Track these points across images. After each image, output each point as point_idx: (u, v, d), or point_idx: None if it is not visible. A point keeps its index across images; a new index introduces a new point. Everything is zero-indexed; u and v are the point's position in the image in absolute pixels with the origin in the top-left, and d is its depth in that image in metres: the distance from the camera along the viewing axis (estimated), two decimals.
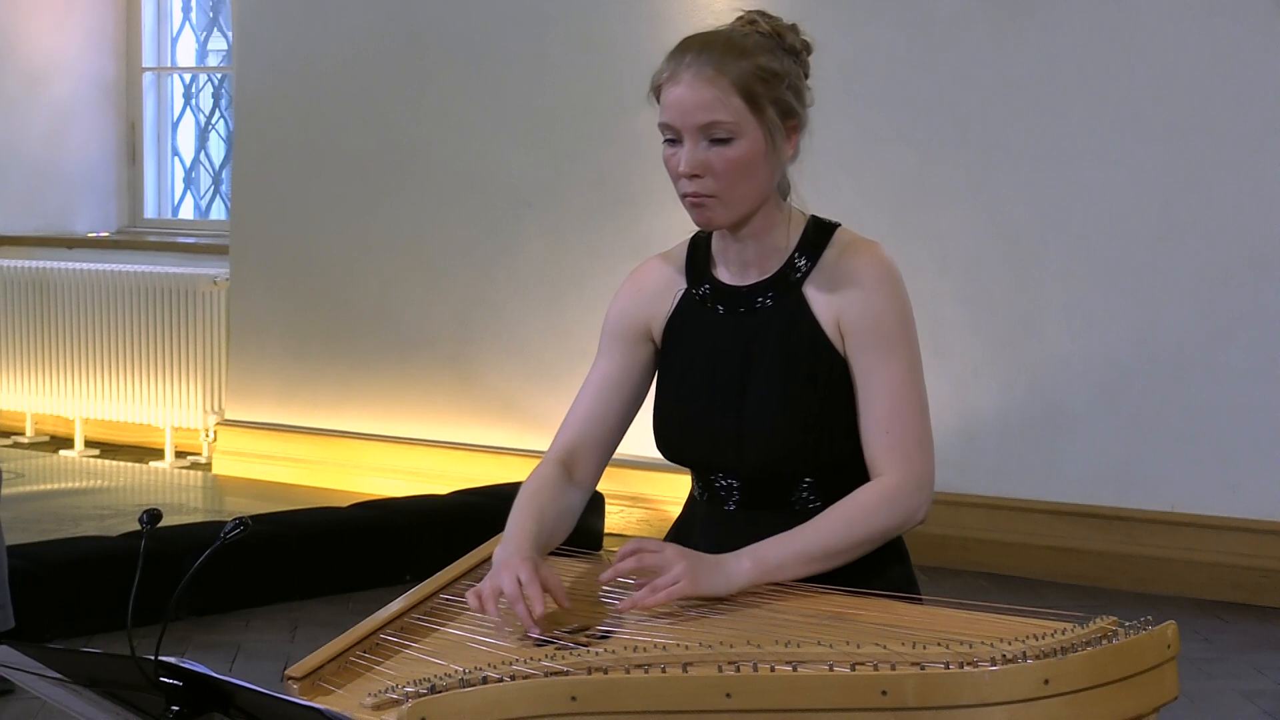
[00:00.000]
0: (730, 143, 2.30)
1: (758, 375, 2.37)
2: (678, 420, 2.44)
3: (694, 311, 2.44)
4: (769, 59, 2.32)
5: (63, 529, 5.91)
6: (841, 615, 2.11)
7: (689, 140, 2.31)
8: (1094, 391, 5.87)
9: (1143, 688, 1.86)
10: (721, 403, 2.39)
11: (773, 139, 2.32)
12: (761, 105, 2.30)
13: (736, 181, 2.31)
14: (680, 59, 2.32)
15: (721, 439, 2.39)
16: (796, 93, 2.35)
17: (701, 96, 2.29)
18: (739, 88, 2.29)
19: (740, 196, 2.33)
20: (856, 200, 5.96)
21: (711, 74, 2.29)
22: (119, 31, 8.84)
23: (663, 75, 2.34)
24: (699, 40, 2.33)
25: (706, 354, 2.42)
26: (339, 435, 7.36)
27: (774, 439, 2.35)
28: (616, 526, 6.52)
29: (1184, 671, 1.94)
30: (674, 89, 2.31)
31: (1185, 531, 5.73)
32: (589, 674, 1.93)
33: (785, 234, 2.39)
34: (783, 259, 2.39)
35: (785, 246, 2.39)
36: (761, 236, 2.39)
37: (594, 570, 2.36)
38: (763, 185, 2.34)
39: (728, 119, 2.29)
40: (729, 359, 2.40)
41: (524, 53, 6.89)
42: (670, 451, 2.47)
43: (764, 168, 2.32)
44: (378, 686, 2.02)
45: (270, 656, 4.90)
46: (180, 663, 1.85)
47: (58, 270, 8.31)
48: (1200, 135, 5.71)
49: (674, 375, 2.45)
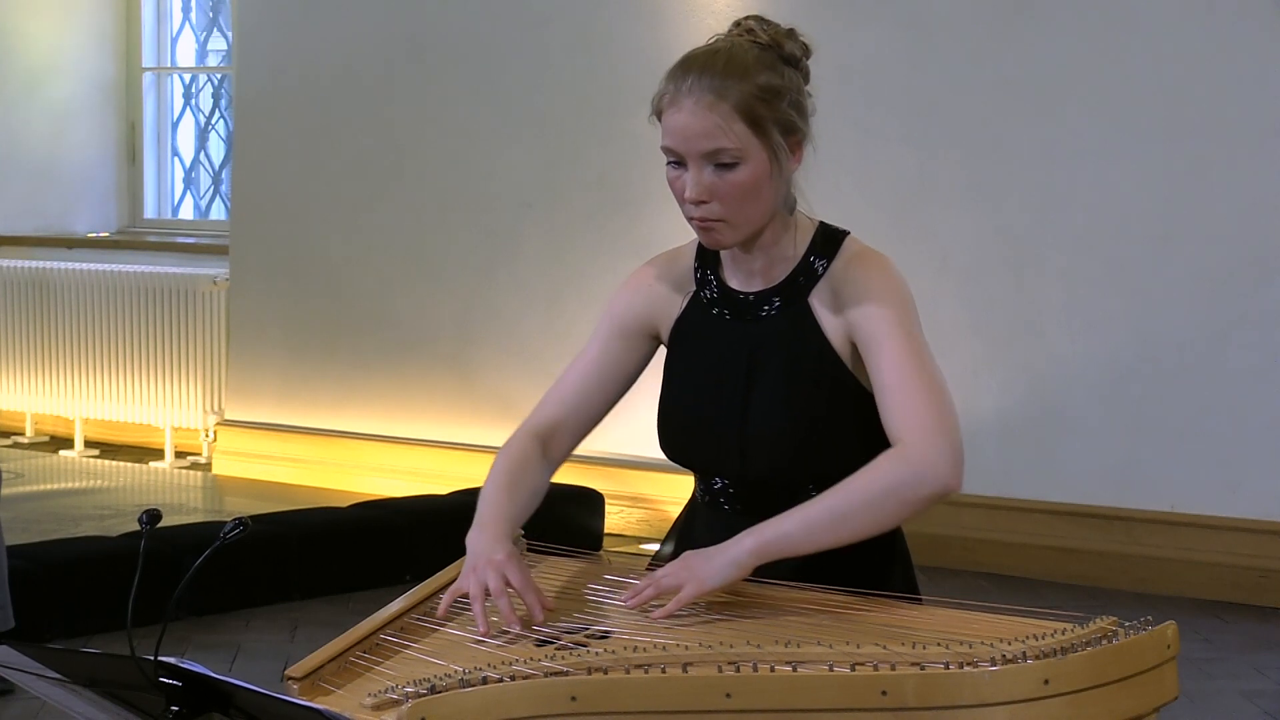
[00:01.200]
0: (735, 167, 2.28)
1: (762, 382, 2.37)
2: (682, 424, 2.44)
3: (702, 315, 2.44)
4: (769, 75, 2.29)
5: (62, 529, 5.91)
6: (841, 615, 2.11)
7: (693, 165, 2.29)
8: (1094, 392, 5.87)
9: (1143, 688, 1.87)
10: (726, 408, 2.39)
11: (777, 158, 2.30)
12: (765, 127, 2.28)
13: (743, 204, 2.30)
14: (681, 82, 2.29)
15: (725, 444, 2.39)
16: (798, 107, 2.33)
17: (704, 124, 2.26)
18: (741, 112, 2.27)
19: (747, 218, 2.32)
20: (856, 200, 5.95)
21: (712, 100, 2.26)
22: (119, 32, 8.84)
23: (664, 98, 2.31)
24: (699, 61, 2.30)
25: (712, 359, 2.42)
26: (339, 435, 7.36)
27: (777, 445, 2.35)
28: (616, 527, 6.52)
29: (1184, 672, 1.94)
30: (676, 115, 2.28)
31: (1185, 531, 5.73)
32: (589, 674, 1.93)
33: (792, 243, 2.39)
34: (790, 267, 2.38)
35: (792, 255, 2.39)
36: (769, 248, 2.38)
37: (593, 570, 2.36)
38: (769, 204, 2.33)
39: (732, 145, 2.26)
40: (734, 365, 2.39)
41: (524, 52, 6.89)
42: (674, 454, 2.47)
43: (770, 187, 2.31)
44: (378, 687, 2.02)
45: (270, 657, 4.90)
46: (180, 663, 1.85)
47: (58, 270, 8.31)
48: (1201, 134, 5.70)
49: (680, 378, 2.45)
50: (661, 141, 2.31)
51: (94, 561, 5.21)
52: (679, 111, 2.28)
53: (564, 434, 2.48)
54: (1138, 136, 5.79)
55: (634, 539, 6.47)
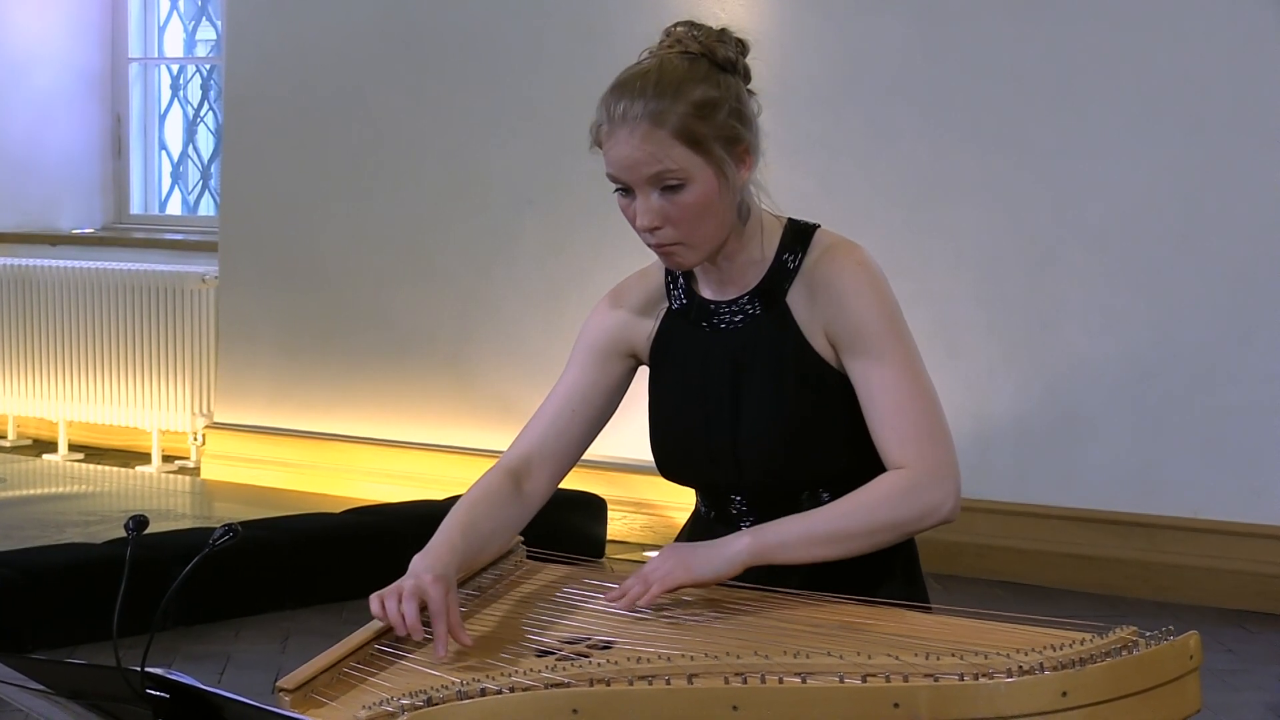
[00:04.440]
0: (682, 189, 2.29)
1: (748, 388, 2.38)
2: (675, 443, 2.45)
3: (679, 329, 2.45)
4: (704, 89, 2.29)
5: (46, 535, 5.91)
6: (852, 625, 2.11)
7: (640, 193, 2.30)
8: (1114, 393, 5.87)
9: (1164, 700, 1.87)
10: (715, 420, 2.40)
11: (724, 173, 2.31)
12: (706, 144, 2.29)
13: (697, 224, 2.31)
14: (613, 109, 2.30)
15: (719, 456, 2.40)
16: (739, 115, 2.32)
17: (640, 153, 2.28)
18: (678, 134, 2.27)
19: (704, 237, 2.33)
20: (868, 195, 5.95)
21: (647, 128, 2.27)
22: (104, 20, 8.84)
23: (600, 128, 2.33)
24: (629, 87, 2.30)
25: (696, 372, 2.43)
26: (332, 438, 7.36)
27: (771, 450, 2.36)
28: (619, 533, 6.52)
29: (1207, 683, 1.94)
30: (613, 146, 2.30)
31: (1208, 538, 5.73)
32: (590, 685, 1.93)
33: (759, 246, 2.40)
34: (762, 270, 2.40)
35: (762, 259, 2.40)
36: (735, 256, 2.40)
37: (595, 578, 2.36)
38: (724, 219, 2.34)
39: (674, 167, 2.28)
40: (718, 374, 2.41)
41: (523, 43, 6.90)
42: (672, 474, 2.48)
43: (721, 203, 2.32)
44: (372, 699, 2.02)
45: (261, 668, 4.90)
46: (168, 674, 1.85)
47: (40, 268, 8.31)
48: (1225, 128, 5.70)
49: (665, 397, 2.47)
50: (605, 170, 2.32)
51: (78, 569, 5.21)
52: (615, 142, 2.30)
53: (540, 463, 2.47)
54: (1160, 129, 5.79)
55: (637, 546, 6.47)
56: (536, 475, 2.47)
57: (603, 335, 2.50)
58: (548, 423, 2.49)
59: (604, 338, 2.50)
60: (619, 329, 2.49)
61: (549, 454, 2.47)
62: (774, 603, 2.20)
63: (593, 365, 2.50)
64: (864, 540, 2.26)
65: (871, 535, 2.26)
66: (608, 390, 2.50)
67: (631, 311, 2.49)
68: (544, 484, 2.47)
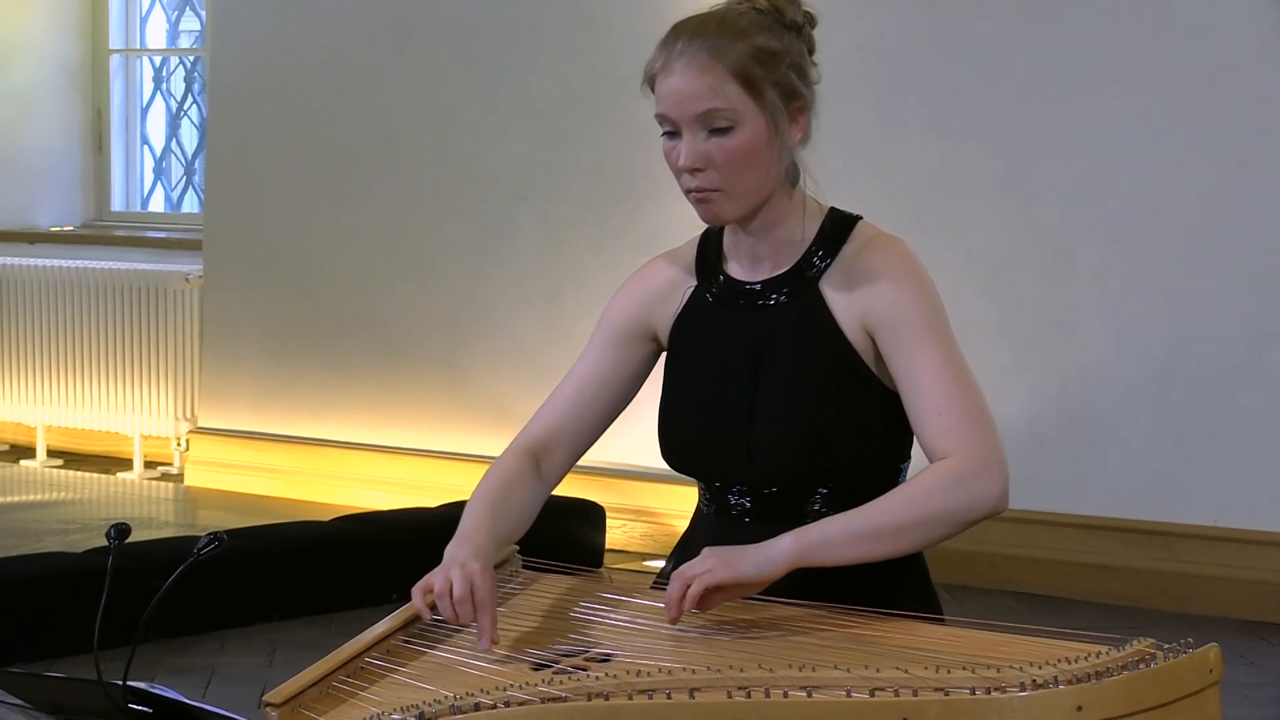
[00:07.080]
0: (730, 131, 2.30)
1: (769, 378, 2.37)
2: (684, 427, 2.44)
3: (704, 311, 2.45)
4: (767, 38, 2.32)
5: (24, 544, 5.91)
6: (860, 637, 2.11)
7: (687, 132, 2.32)
8: (1130, 397, 5.87)
9: (1183, 715, 1.87)
10: (731, 409, 2.39)
11: (776, 124, 2.32)
12: (761, 89, 2.31)
13: (741, 172, 2.32)
14: (672, 46, 2.33)
15: (730, 447, 2.39)
16: (800, 71, 2.35)
17: (696, 85, 2.29)
18: (735, 72, 2.29)
19: (746, 188, 2.33)
20: (875, 191, 5.96)
21: (706, 60, 2.29)
22: (84, 11, 8.84)
23: (655, 65, 2.34)
24: (691, 25, 2.33)
25: (716, 356, 2.42)
26: (321, 444, 7.36)
27: (786, 446, 2.35)
28: (618, 542, 6.52)
29: (1227, 697, 1.95)
30: (667, 79, 2.32)
31: (1228, 547, 5.73)
32: (589, 700, 1.93)
33: (800, 226, 2.40)
34: (798, 253, 2.40)
35: (801, 240, 2.40)
36: (774, 229, 2.39)
37: (593, 588, 2.36)
38: (769, 174, 2.34)
39: (725, 106, 2.29)
40: (739, 362, 2.40)
41: (518, 34, 6.90)
42: (676, 461, 2.47)
43: (769, 155, 2.33)
44: (362, 714, 2.03)
45: (247, 681, 4.90)
46: (150, 688, 1.85)
47: (18, 267, 8.32)
48: (1245, 121, 5.70)
49: (680, 379, 2.46)
50: (655, 110, 2.33)
51: (58, 579, 5.21)
52: (670, 75, 2.32)
53: (559, 449, 2.48)
54: (1177, 123, 5.79)
55: (637, 555, 6.47)
56: (554, 457, 2.48)
57: (625, 317, 2.50)
58: (566, 404, 2.49)
59: (626, 319, 2.50)
60: (641, 310, 2.49)
61: (566, 436, 2.48)
62: (779, 614, 2.20)
63: (613, 348, 2.50)
64: (913, 535, 2.23)
65: (920, 528, 2.23)
66: (628, 374, 2.50)
67: (655, 291, 2.49)
68: (561, 466, 2.49)
